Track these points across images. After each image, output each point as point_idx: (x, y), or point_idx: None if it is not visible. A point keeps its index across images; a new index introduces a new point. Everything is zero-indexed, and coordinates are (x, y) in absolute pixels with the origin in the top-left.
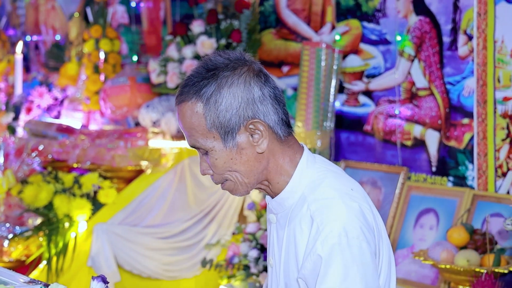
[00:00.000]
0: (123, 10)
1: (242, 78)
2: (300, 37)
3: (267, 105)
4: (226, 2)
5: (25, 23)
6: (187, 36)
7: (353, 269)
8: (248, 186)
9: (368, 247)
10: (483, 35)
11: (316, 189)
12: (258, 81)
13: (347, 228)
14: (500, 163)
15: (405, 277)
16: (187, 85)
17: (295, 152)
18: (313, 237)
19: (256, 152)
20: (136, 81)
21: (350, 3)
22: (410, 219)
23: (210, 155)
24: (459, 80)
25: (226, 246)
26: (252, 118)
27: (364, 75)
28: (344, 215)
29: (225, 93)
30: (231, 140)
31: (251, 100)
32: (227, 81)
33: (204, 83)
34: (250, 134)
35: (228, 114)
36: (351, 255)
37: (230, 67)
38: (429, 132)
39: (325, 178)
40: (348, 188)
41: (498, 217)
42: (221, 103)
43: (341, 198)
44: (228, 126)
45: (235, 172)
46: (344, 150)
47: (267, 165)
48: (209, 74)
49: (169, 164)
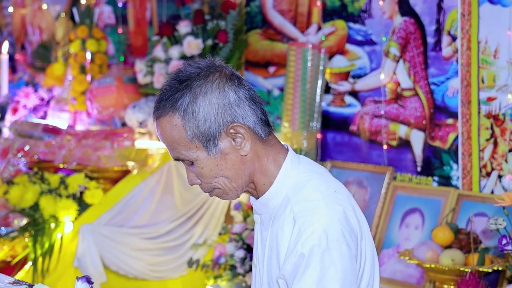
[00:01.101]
0: (109, 10)
1: (215, 85)
2: (286, 38)
3: (244, 107)
4: (213, 3)
5: (12, 23)
6: (174, 36)
7: (330, 271)
8: (237, 190)
9: (348, 250)
10: (467, 35)
11: (300, 191)
12: (231, 85)
13: (328, 230)
14: (484, 163)
15: (390, 277)
16: (162, 99)
17: (278, 152)
18: (294, 238)
19: (240, 156)
20: (122, 82)
21: (336, 4)
22: (395, 219)
23: (195, 165)
24: (444, 80)
25: (213, 246)
26: (232, 123)
27: (350, 75)
28: (326, 218)
29: (201, 102)
30: (214, 148)
31: (227, 105)
32: (201, 90)
33: (178, 95)
34: (232, 138)
35: (207, 122)
36: (329, 258)
37: (202, 76)
38: (414, 132)
39: (309, 179)
40: (332, 190)
41: (482, 217)
42: (199, 113)
43: (324, 200)
44: (209, 134)
45: (222, 178)
46: (330, 150)
47: (253, 167)
48: (182, 85)
49: (156, 165)
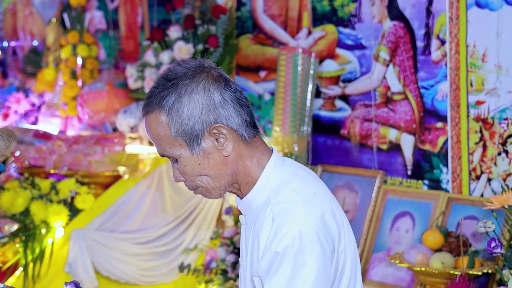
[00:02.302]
0: (100, 15)
1: (201, 85)
2: (277, 42)
3: (229, 108)
4: (203, 8)
5: (3, 28)
6: (165, 41)
7: (302, 271)
8: (220, 189)
9: (322, 251)
10: (456, 39)
11: (280, 192)
12: (217, 86)
13: (303, 231)
14: (473, 166)
15: (381, 280)
16: (150, 96)
17: (262, 153)
18: (271, 238)
19: (223, 156)
20: (113, 87)
21: (326, 8)
22: (386, 222)
23: (179, 162)
24: (433, 84)
25: (204, 251)
26: (215, 123)
27: (340, 79)
28: (302, 219)
29: (186, 101)
30: (196, 146)
31: (212, 105)
32: (186, 90)
33: (165, 94)
34: (214, 138)
35: (191, 121)
36: (302, 258)
37: (189, 76)
38: (404, 136)
39: (290, 181)
40: (311, 192)
41: (472, 220)
42: (183, 111)
43: (303, 202)
44: (192, 133)
45: (205, 177)
46: (321, 154)
47: (236, 168)
48: (169, 84)
49: (147, 170)
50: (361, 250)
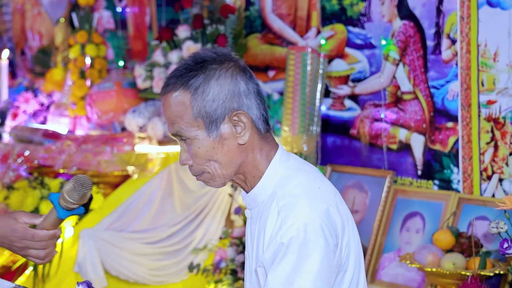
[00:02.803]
0: (108, 15)
1: (229, 72)
2: (285, 42)
3: (251, 99)
4: (212, 7)
5: (12, 28)
6: (173, 41)
7: (306, 263)
8: (225, 178)
9: (325, 244)
10: (467, 39)
11: (286, 186)
12: (243, 76)
13: (308, 224)
14: (485, 167)
15: (391, 281)
16: (175, 76)
17: (271, 148)
18: (276, 230)
19: (237, 144)
20: (122, 86)
21: (335, 7)
22: (396, 223)
23: (192, 143)
24: (443, 84)
25: (213, 250)
26: (237, 110)
27: (349, 79)
28: (307, 212)
29: (213, 84)
30: (215, 130)
31: (237, 92)
32: (215, 73)
33: (192, 74)
34: (233, 125)
35: (215, 105)
36: (306, 250)
37: (218, 61)
38: (414, 136)
39: (295, 176)
40: (316, 187)
41: (483, 220)
42: (209, 94)
43: (307, 196)
44: (213, 116)
45: (214, 163)
46: (330, 154)
47: (246, 158)
48: (197, 66)
49: (156, 169)
50: (371, 250)
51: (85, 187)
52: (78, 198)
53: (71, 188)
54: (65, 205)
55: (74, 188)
